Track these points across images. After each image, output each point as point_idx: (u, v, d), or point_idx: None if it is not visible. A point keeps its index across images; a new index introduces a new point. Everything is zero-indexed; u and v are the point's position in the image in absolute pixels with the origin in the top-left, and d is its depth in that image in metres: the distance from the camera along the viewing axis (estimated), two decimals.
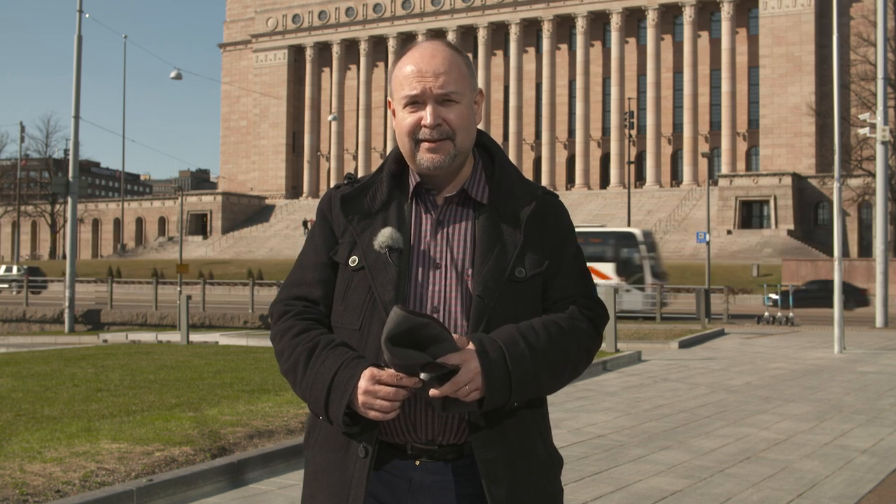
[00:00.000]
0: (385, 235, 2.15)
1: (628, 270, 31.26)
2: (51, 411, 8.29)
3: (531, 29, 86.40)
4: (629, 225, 59.60)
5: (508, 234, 2.18)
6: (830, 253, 49.14)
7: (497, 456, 2.11)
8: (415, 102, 2.15)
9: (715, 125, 79.46)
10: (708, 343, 19.88)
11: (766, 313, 27.45)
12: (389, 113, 2.28)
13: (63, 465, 5.94)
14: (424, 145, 2.16)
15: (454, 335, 2.02)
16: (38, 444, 6.58)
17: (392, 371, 2.00)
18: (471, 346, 2.03)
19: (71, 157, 29.25)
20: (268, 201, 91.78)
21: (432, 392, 1.99)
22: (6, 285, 53.48)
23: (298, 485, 6.12)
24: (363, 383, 2.02)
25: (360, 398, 2.02)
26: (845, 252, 54.72)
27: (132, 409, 8.37)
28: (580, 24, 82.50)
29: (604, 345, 16.26)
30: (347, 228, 2.22)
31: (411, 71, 2.16)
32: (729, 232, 64.85)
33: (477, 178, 2.26)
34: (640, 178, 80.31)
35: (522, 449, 2.15)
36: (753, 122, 77.69)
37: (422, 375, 1.97)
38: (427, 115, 2.14)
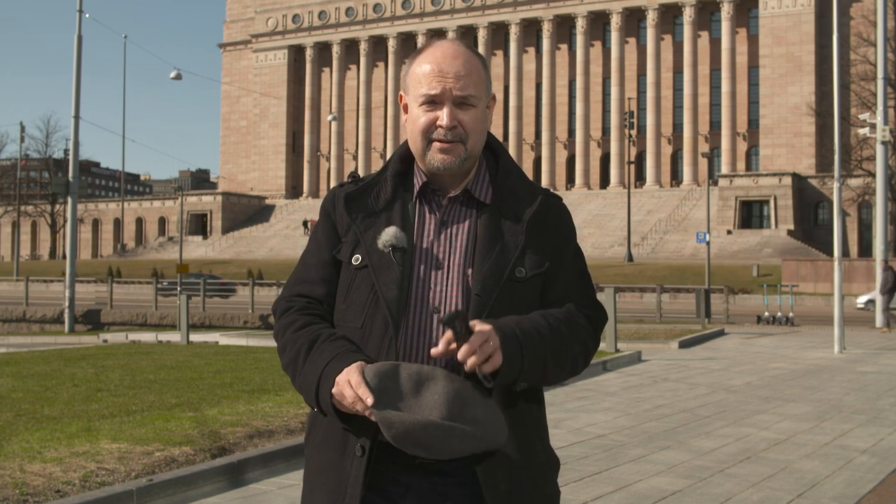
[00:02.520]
0: (389, 234, 2.15)
1: None
2: (51, 411, 8.28)
3: (531, 29, 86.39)
4: (629, 225, 59.64)
5: (510, 234, 2.18)
6: (830, 253, 49.14)
7: (496, 457, 2.10)
8: (432, 102, 2.15)
9: (715, 125, 79.46)
10: (708, 343, 19.88)
11: (766, 313, 27.44)
12: (397, 108, 2.28)
13: (63, 465, 5.94)
14: (436, 145, 2.16)
15: (472, 322, 2.02)
16: (38, 444, 6.57)
17: (359, 379, 1.99)
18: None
19: (71, 157, 29.25)
20: (268, 201, 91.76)
21: (461, 352, 1.97)
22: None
23: (298, 485, 6.11)
24: (342, 376, 2.01)
25: (334, 388, 2.02)
26: (845, 252, 54.71)
27: (132, 409, 8.36)
28: (580, 24, 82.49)
29: (604, 345, 16.25)
30: (351, 227, 2.22)
31: (431, 70, 2.15)
32: (729, 232, 64.85)
33: (481, 178, 2.26)
34: (640, 178, 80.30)
35: (521, 450, 2.15)
36: (753, 122, 77.69)
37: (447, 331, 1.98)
38: (444, 115, 2.14)
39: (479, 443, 2.00)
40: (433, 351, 2.02)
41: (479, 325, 2.01)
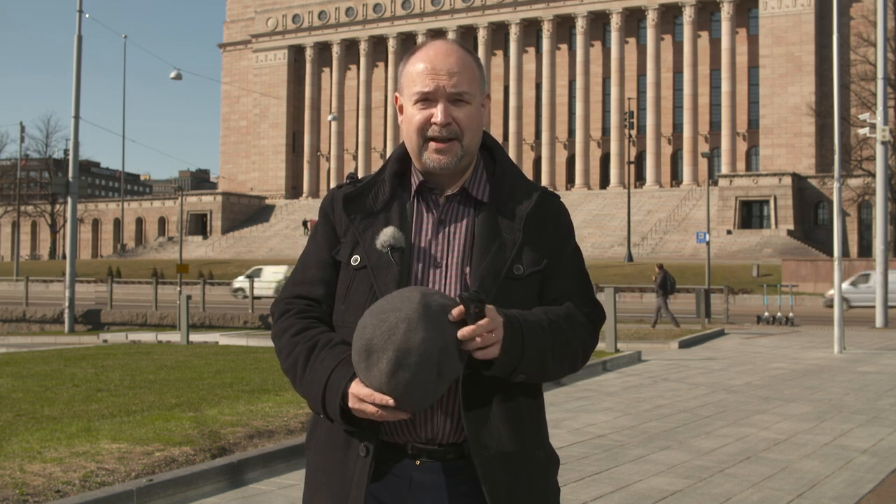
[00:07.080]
0: (387, 235, 2.16)
1: None
2: (51, 411, 8.29)
3: (531, 29, 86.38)
4: (629, 225, 59.63)
5: (507, 232, 2.19)
6: (830, 253, 49.13)
7: (495, 455, 2.11)
8: (426, 99, 2.16)
9: (715, 125, 79.45)
10: (708, 343, 19.88)
11: (766, 313, 27.44)
12: (395, 109, 2.28)
13: (63, 465, 5.94)
14: (432, 145, 2.16)
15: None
16: (38, 444, 6.57)
17: (368, 391, 1.99)
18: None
19: (71, 157, 29.24)
20: (268, 201, 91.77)
21: (463, 331, 1.97)
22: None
23: (298, 485, 6.11)
24: (351, 400, 2.03)
25: (350, 403, 2.04)
26: (845, 252, 54.73)
27: (132, 409, 8.36)
28: (580, 24, 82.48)
29: (603, 345, 16.25)
30: (349, 228, 2.22)
31: (425, 68, 2.16)
32: (729, 232, 64.85)
33: (478, 176, 2.26)
34: (640, 178, 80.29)
35: (521, 448, 2.15)
36: (753, 122, 77.68)
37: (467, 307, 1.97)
38: (438, 112, 2.14)
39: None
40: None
41: (491, 313, 2.01)
